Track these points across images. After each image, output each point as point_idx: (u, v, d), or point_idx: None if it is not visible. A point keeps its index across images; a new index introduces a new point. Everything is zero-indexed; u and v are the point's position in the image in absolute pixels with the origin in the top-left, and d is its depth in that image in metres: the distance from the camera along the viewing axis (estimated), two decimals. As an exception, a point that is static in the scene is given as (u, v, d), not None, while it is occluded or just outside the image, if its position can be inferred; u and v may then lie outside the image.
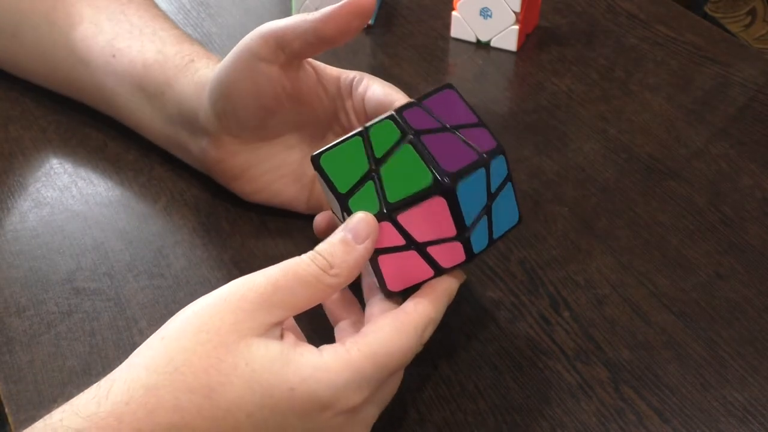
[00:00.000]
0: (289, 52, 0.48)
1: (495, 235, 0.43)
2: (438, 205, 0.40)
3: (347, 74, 0.51)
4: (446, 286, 0.42)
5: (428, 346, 0.48)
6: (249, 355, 0.36)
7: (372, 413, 0.41)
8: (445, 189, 0.39)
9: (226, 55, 0.51)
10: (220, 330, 0.36)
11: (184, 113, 0.54)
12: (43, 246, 0.54)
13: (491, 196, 0.42)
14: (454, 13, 0.74)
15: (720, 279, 0.53)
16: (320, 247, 0.40)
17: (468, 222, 0.41)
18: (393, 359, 0.39)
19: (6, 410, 0.44)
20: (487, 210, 0.42)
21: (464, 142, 0.42)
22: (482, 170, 0.41)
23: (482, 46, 0.75)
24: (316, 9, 0.75)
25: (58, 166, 0.60)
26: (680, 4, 0.82)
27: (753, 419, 0.45)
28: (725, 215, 0.58)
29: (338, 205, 0.43)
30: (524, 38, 0.75)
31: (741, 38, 1.31)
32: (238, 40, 0.74)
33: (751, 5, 1.36)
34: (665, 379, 0.47)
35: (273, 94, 0.50)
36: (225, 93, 0.51)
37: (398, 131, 0.41)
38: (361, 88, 0.50)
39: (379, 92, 0.49)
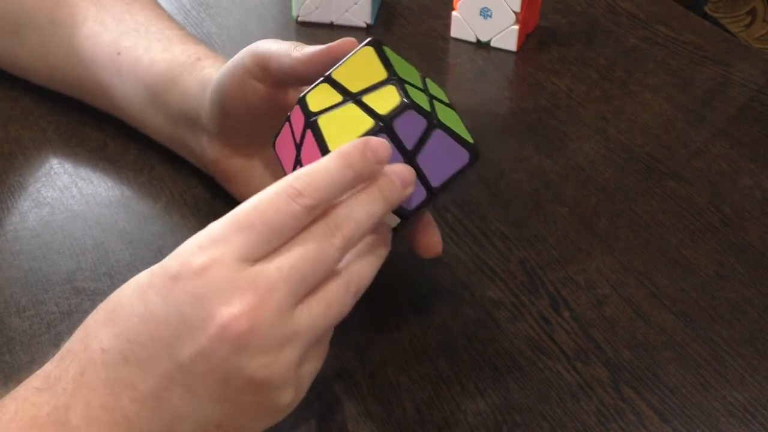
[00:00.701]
0: (272, 77, 0.48)
1: (435, 182, 0.43)
2: (439, 137, 0.42)
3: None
4: (341, 149, 0.40)
5: (428, 346, 0.48)
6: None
7: (253, 272, 0.36)
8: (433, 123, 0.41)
9: (226, 55, 0.51)
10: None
11: (187, 111, 0.54)
12: (43, 246, 0.54)
13: (409, 153, 0.42)
14: (454, 13, 0.74)
15: (720, 279, 0.53)
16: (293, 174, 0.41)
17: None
18: (244, 210, 0.37)
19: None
20: (413, 165, 0.42)
21: (364, 107, 0.42)
22: (383, 136, 0.41)
23: (482, 46, 0.75)
24: (316, 9, 0.75)
25: (58, 166, 0.60)
26: (680, 4, 0.82)
27: (753, 419, 0.45)
28: (725, 215, 0.58)
29: None
30: (524, 38, 0.75)
31: (741, 38, 1.31)
32: (238, 40, 0.74)
33: (751, 5, 1.36)
34: (665, 379, 0.47)
35: (263, 108, 0.50)
36: (220, 100, 0.51)
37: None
38: None
39: None
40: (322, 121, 0.42)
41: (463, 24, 0.74)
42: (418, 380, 0.47)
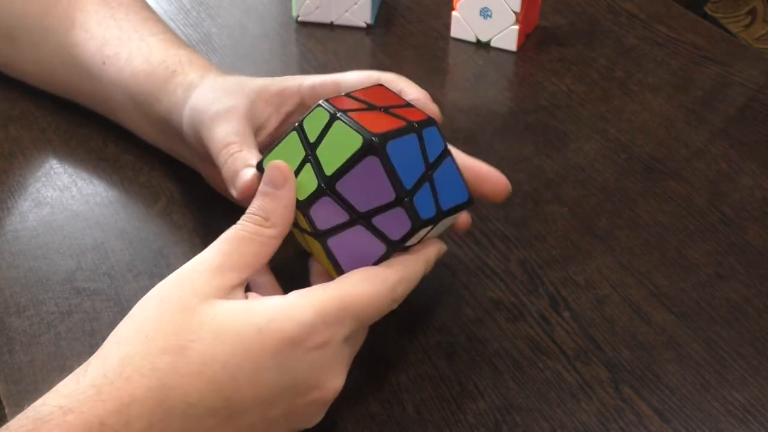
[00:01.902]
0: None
1: (443, 206, 0.43)
2: (372, 166, 0.41)
3: (307, 82, 0.51)
4: (423, 251, 0.43)
5: (428, 346, 0.48)
6: (213, 311, 0.37)
7: (348, 350, 0.41)
8: (374, 147, 0.40)
9: (226, 55, 0.51)
10: (183, 297, 0.38)
11: (171, 123, 0.54)
12: (43, 246, 0.54)
13: (430, 166, 0.42)
14: (454, 13, 0.74)
15: (720, 279, 0.53)
16: (249, 208, 0.42)
17: (406, 184, 0.41)
18: (361, 303, 0.39)
19: (6, 410, 0.44)
20: (428, 178, 0.42)
21: (393, 115, 0.43)
22: (413, 136, 0.42)
23: (482, 46, 0.75)
24: (316, 9, 0.75)
25: (58, 166, 0.60)
26: (680, 4, 0.82)
27: (753, 419, 0.45)
28: (725, 215, 0.58)
29: None
30: (524, 38, 0.75)
31: (741, 38, 1.31)
32: (238, 40, 0.74)
33: (751, 5, 1.36)
34: (665, 379, 0.47)
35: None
36: (191, 135, 0.51)
37: (328, 114, 0.42)
38: (325, 93, 0.49)
39: (352, 79, 0.50)
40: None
41: (463, 24, 0.74)
42: (418, 380, 0.47)
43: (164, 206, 0.57)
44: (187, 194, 0.58)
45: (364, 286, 0.40)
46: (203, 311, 0.37)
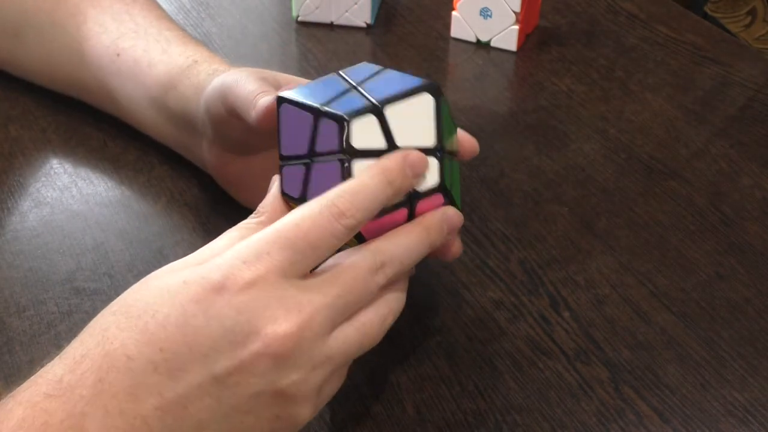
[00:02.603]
0: (243, 120, 0.48)
1: (378, 96, 0.41)
2: (286, 112, 0.42)
3: None
4: (377, 163, 0.40)
5: (428, 346, 0.48)
6: (159, 275, 0.38)
7: (297, 292, 0.37)
8: (279, 98, 0.42)
9: (226, 55, 0.51)
10: (156, 272, 0.39)
11: (185, 115, 0.54)
12: (43, 246, 0.54)
13: (352, 85, 0.42)
14: (454, 13, 0.74)
15: (720, 279, 0.53)
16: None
17: (319, 101, 0.41)
18: (287, 228, 0.37)
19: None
20: (348, 91, 0.42)
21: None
22: (334, 75, 0.43)
23: (482, 46, 0.75)
24: (316, 9, 0.75)
25: (58, 166, 0.60)
26: (680, 4, 0.82)
27: (753, 419, 0.45)
28: (725, 215, 0.58)
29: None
30: (524, 38, 0.75)
31: (741, 38, 1.31)
32: (238, 40, 0.74)
33: (751, 5, 1.36)
34: (665, 379, 0.47)
35: (245, 132, 0.50)
36: (208, 117, 0.51)
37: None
38: None
39: None
40: (356, 166, 0.40)
41: (463, 24, 0.74)
42: (418, 380, 0.47)
43: (164, 206, 0.57)
44: (187, 194, 0.58)
45: (292, 214, 0.38)
46: (160, 276, 0.38)
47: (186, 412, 0.36)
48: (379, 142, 0.41)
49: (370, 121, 0.40)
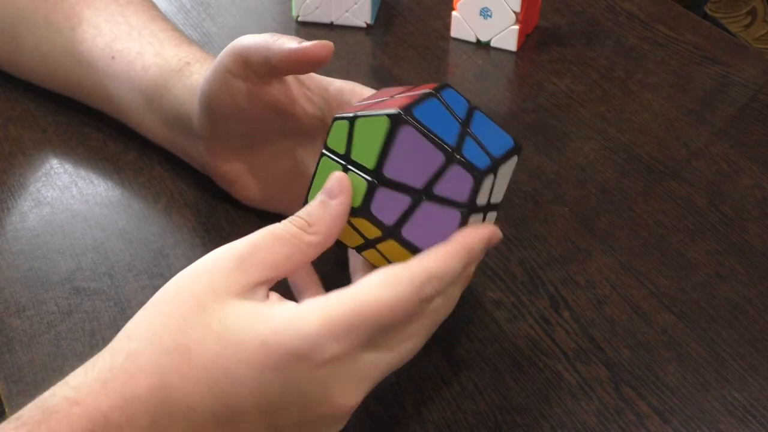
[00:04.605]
0: (254, 72, 0.48)
1: (494, 153, 0.42)
2: (409, 138, 0.39)
3: (336, 83, 0.50)
4: (462, 238, 0.40)
5: (428, 346, 0.48)
6: (223, 313, 0.36)
7: (370, 364, 0.38)
8: (402, 118, 0.39)
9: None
10: (197, 292, 0.37)
11: (180, 117, 0.54)
12: (43, 246, 0.54)
13: (462, 120, 0.42)
14: (454, 13, 0.74)
15: (720, 279, 0.53)
16: (298, 212, 0.40)
17: (449, 141, 0.40)
18: (377, 310, 0.37)
19: (6, 410, 0.44)
20: (466, 130, 0.41)
21: (405, 96, 0.42)
22: (434, 99, 0.41)
23: (482, 46, 0.75)
24: (316, 9, 0.75)
25: (58, 166, 0.60)
26: (680, 4, 0.82)
27: (753, 419, 0.45)
28: (725, 215, 0.58)
29: None
30: (524, 38, 0.75)
31: (741, 38, 1.31)
32: (238, 40, 0.74)
33: (751, 5, 1.36)
34: (665, 379, 0.47)
35: (250, 107, 0.50)
36: (207, 104, 0.51)
37: (346, 121, 0.42)
38: (351, 97, 0.49)
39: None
40: (471, 219, 0.41)
41: (463, 24, 0.74)
42: (418, 380, 0.47)
43: (164, 206, 0.57)
44: (187, 194, 0.58)
45: (382, 290, 0.37)
46: (213, 311, 0.36)
47: None
48: (484, 200, 0.42)
49: (490, 179, 0.41)
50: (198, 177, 0.58)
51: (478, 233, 0.40)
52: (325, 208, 0.40)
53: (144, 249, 0.54)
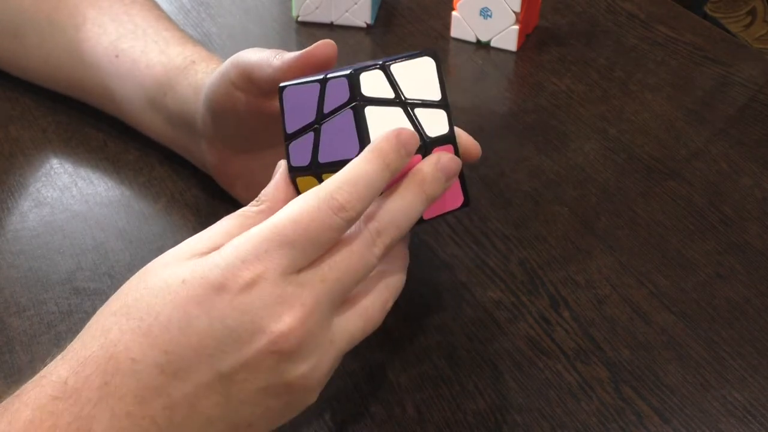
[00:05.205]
0: (257, 87, 0.48)
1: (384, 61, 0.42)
2: (292, 93, 0.43)
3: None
4: (376, 142, 0.39)
5: (428, 346, 0.48)
6: (164, 271, 0.38)
7: (297, 285, 0.37)
8: (280, 88, 0.43)
9: (225, 55, 0.51)
10: (152, 264, 0.39)
11: (184, 115, 0.54)
12: (43, 246, 0.54)
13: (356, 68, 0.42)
14: (454, 13, 0.74)
15: (720, 279, 0.53)
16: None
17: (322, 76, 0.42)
18: (285, 225, 0.36)
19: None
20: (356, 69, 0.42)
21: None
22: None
23: (482, 46, 0.75)
24: (316, 9, 0.75)
25: (58, 166, 0.60)
26: (680, 4, 0.82)
27: (753, 419, 0.45)
28: (725, 215, 0.58)
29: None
30: (524, 38, 0.75)
31: (741, 38, 1.31)
32: (238, 40, 0.74)
33: (751, 5, 1.36)
34: (665, 379, 0.47)
35: (252, 117, 0.50)
36: (210, 109, 0.51)
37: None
38: None
39: None
40: (369, 111, 0.41)
41: (463, 24, 0.74)
42: (418, 380, 0.47)
43: (164, 206, 0.57)
44: (187, 194, 0.58)
45: (289, 207, 0.37)
46: (156, 272, 0.38)
47: (194, 410, 0.36)
48: (387, 93, 0.41)
49: (377, 74, 0.41)
50: (198, 177, 0.58)
51: (386, 134, 0.39)
52: (270, 183, 0.42)
53: (144, 249, 0.54)
